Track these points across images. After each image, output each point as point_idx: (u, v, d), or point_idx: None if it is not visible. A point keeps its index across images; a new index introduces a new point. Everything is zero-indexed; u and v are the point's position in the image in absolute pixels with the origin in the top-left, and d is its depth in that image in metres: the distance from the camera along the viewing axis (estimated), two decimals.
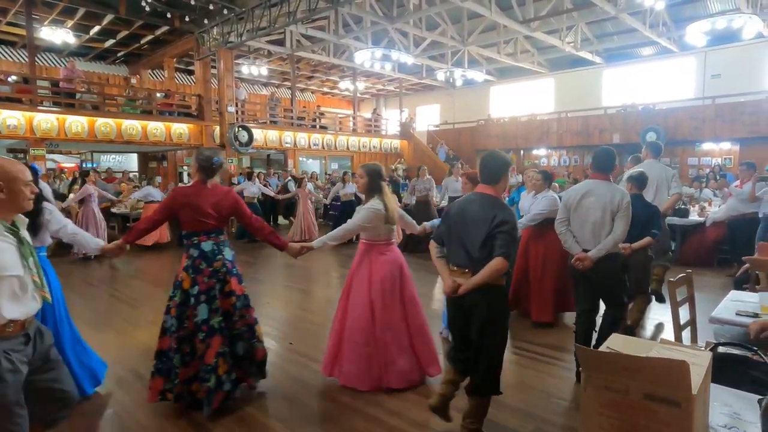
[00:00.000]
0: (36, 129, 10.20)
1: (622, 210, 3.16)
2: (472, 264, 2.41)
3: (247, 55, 15.25)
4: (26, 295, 1.86)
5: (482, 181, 2.56)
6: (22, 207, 1.89)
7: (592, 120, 14.68)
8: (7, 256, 1.80)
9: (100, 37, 13.88)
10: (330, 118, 17.17)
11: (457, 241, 2.51)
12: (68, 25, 12.50)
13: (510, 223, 2.37)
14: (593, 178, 3.34)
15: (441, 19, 12.79)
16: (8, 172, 1.85)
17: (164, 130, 12.08)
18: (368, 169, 3.30)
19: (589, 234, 3.22)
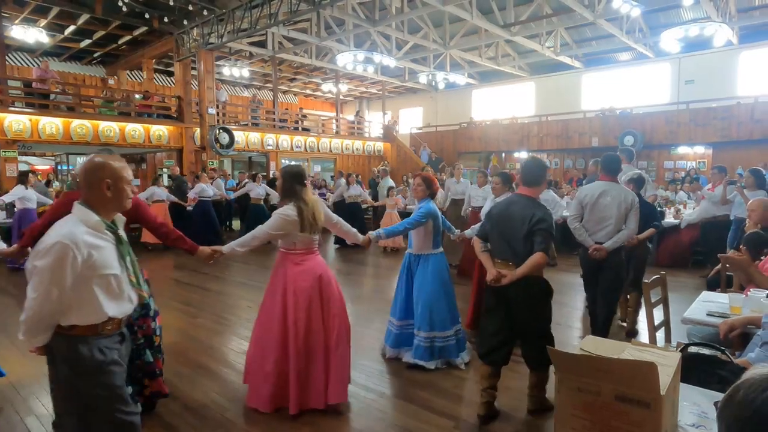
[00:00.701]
0: (7, 130, 9.94)
1: (634, 208, 3.71)
2: (515, 257, 2.77)
3: (228, 56, 15.10)
4: (123, 294, 1.88)
5: (525, 184, 2.92)
6: (123, 206, 1.89)
7: (572, 124, 14.91)
8: (107, 254, 1.81)
9: (76, 37, 13.58)
10: (313, 121, 17.10)
11: (502, 237, 2.87)
12: (41, 24, 12.20)
13: (547, 222, 2.73)
14: (604, 180, 3.84)
15: (423, 23, 12.86)
16: (116, 170, 1.85)
17: (143, 132, 11.88)
18: (284, 171, 3.06)
19: (605, 229, 3.72)
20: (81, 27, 12.59)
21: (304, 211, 2.89)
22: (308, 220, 2.90)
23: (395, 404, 3.21)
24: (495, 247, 2.92)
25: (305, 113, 17.74)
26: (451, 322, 3.74)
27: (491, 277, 2.75)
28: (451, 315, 3.74)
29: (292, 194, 2.95)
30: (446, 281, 3.76)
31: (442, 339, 3.68)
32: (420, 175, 3.81)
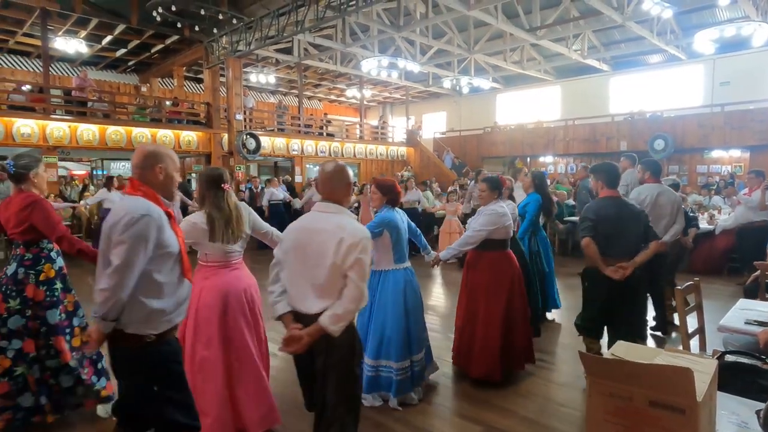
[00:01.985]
0: (49, 137, 10.35)
1: (681, 205, 4.39)
2: (631, 255, 3.12)
3: (255, 63, 15.41)
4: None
5: (610, 186, 3.29)
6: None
7: (599, 127, 14.64)
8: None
9: (112, 46, 14.10)
10: (337, 126, 17.26)
11: (622, 238, 3.16)
12: (81, 36, 12.72)
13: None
14: (651, 182, 4.39)
15: (447, 28, 12.86)
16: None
17: (173, 137, 12.21)
18: (199, 175, 2.85)
19: (663, 226, 4.17)
20: (117, 37, 13.07)
21: (215, 219, 2.60)
22: (220, 228, 2.61)
23: None
24: (613, 247, 3.15)
25: (330, 119, 17.92)
26: (410, 351, 3.20)
27: (620, 275, 3.03)
28: (411, 343, 3.20)
29: (203, 200, 2.69)
30: (410, 302, 3.23)
31: (391, 370, 3.14)
32: (376, 180, 3.37)
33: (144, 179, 1.93)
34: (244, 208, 2.78)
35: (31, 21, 11.65)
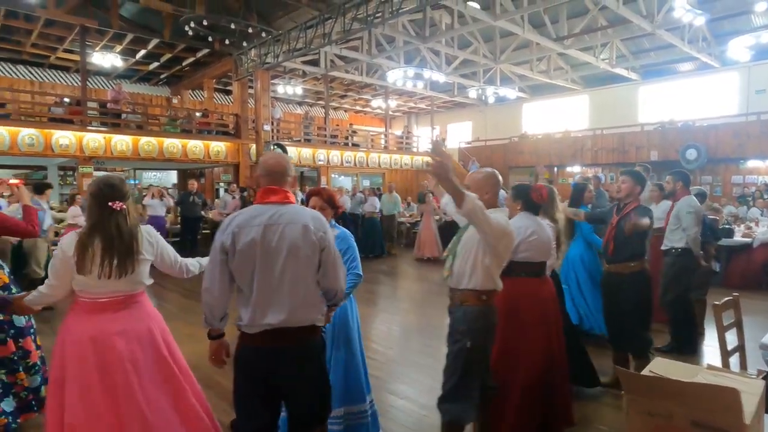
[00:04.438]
0: (85, 148, 10.74)
1: (687, 212, 4.43)
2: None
3: (282, 75, 15.70)
4: None
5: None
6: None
7: (628, 137, 14.36)
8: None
9: (146, 60, 14.59)
10: (362, 136, 17.40)
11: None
12: (117, 50, 13.22)
13: None
14: (684, 194, 4.46)
15: (473, 38, 12.87)
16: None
17: (203, 148, 12.50)
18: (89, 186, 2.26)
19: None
20: (150, 51, 13.52)
21: (87, 245, 2.05)
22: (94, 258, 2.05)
23: None
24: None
25: (355, 129, 18.07)
26: (368, 389, 2.79)
27: None
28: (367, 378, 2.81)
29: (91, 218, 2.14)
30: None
31: (356, 415, 2.70)
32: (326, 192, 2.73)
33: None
34: (147, 233, 2.25)
35: (72, 37, 12.18)
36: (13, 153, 9.83)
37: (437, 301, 7.07)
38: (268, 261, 1.89)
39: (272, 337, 1.91)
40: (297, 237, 1.91)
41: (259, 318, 1.89)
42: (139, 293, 2.25)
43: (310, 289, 1.97)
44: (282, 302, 1.89)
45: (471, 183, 2.51)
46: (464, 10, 9.94)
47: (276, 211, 1.94)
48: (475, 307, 2.34)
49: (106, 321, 2.11)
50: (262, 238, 1.88)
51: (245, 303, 1.92)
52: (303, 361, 1.96)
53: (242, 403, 2.00)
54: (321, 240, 1.96)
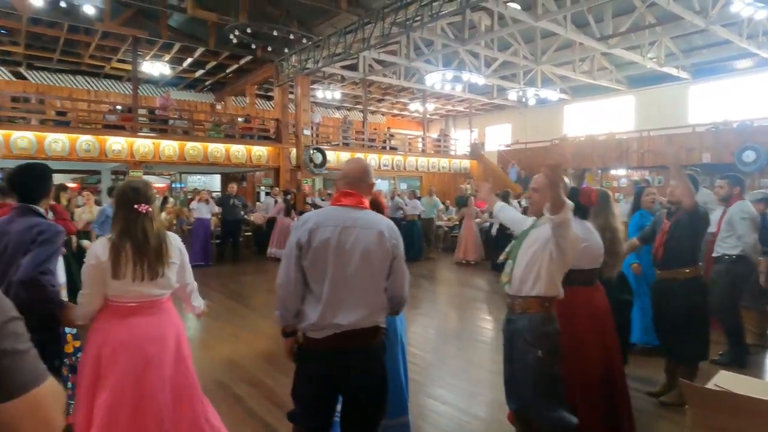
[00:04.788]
0: (135, 153, 11.24)
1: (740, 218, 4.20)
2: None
3: (321, 80, 15.94)
4: None
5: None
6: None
7: (677, 138, 13.72)
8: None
9: (191, 68, 15.17)
10: (399, 140, 17.42)
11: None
12: (165, 59, 13.81)
13: None
14: (740, 198, 4.22)
15: (513, 39, 12.66)
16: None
17: (245, 152, 12.84)
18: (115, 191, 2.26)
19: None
20: (196, 59, 14.05)
21: (120, 249, 2.09)
22: (125, 263, 2.09)
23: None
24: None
25: (392, 133, 18.11)
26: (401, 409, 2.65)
27: None
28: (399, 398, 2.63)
29: (119, 221, 2.18)
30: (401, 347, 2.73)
31: (394, 429, 2.64)
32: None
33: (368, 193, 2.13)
34: (176, 241, 2.30)
35: (125, 48, 12.80)
36: (72, 158, 10.40)
37: (475, 306, 6.99)
38: (340, 263, 1.92)
39: (338, 339, 1.93)
40: (371, 242, 1.95)
41: (329, 318, 1.91)
42: (167, 298, 2.29)
43: (379, 295, 2.01)
44: (352, 305, 1.92)
45: (540, 186, 2.45)
46: (504, 11, 9.80)
47: (352, 214, 1.99)
48: (540, 314, 2.27)
49: (139, 325, 2.14)
50: (337, 240, 1.92)
51: (314, 302, 1.95)
52: (366, 363, 1.99)
53: (304, 402, 2.06)
54: (394, 248, 2.00)
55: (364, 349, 1.97)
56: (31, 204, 2.32)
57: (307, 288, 1.98)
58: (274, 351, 4.69)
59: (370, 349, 1.99)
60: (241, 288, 7.92)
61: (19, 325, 0.82)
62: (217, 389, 3.72)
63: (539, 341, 2.24)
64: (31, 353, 0.82)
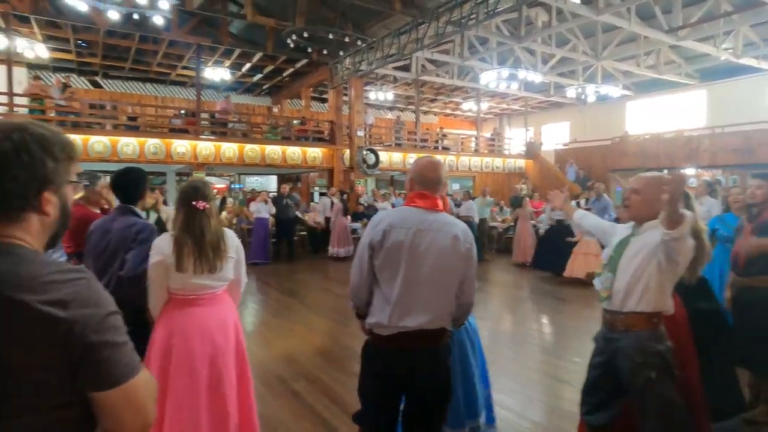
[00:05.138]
0: (198, 155, 11.80)
1: None
2: None
3: (374, 81, 16.07)
4: None
5: None
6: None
7: (755, 135, 12.72)
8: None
9: (250, 72, 15.74)
10: (452, 139, 17.26)
11: None
12: (226, 65, 14.41)
13: None
14: None
15: (572, 35, 12.21)
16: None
17: (300, 154, 13.18)
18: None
19: None
20: (255, 64, 14.56)
21: (183, 243, 2.20)
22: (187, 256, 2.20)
23: None
24: None
25: (445, 132, 17.97)
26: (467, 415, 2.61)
27: None
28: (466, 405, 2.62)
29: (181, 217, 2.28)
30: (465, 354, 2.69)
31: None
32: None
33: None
34: (232, 236, 2.39)
35: (189, 55, 13.48)
36: (141, 161, 11.06)
37: (529, 308, 6.81)
38: (413, 265, 1.90)
39: (404, 338, 1.91)
40: (446, 246, 1.92)
41: (397, 320, 1.90)
42: (224, 291, 2.38)
43: (449, 299, 1.98)
44: (423, 307, 1.90)
45: (642, 186, 2.19)
46: (564, 6, 9.47)
47: (427, 217, 1.96)
48: (647, 331, 2.08)
49: (201, 316, 2.24)
50: (411, 242, 1.90)
51: (383, 302, 1.94)
52: (431, 364, 1.97)
53: (370, 399, 2.07)
54: (468, 252, 1.97)
55: (430, 350, 1.95)
56: (130, 204, 2.58)
57: (377, 286, 1.98)
58: (329, 348, 4.80)
59: (435, 350, 1.97)
60: (295, 286, 8.10)
61: (118, 319, 0.88)
62: (276, 383, 3.83)
63: (649, 361, 2.04)
64: (128, 346, 0.88)
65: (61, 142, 0.91)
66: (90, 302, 0.83)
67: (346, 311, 6.22)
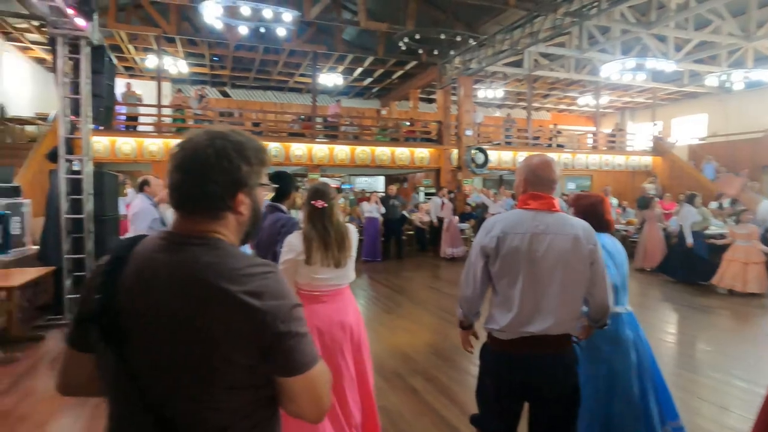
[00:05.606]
0: (314, 157, 12.48)
1: None
2: None
3: (483, 79, 15.71)
4: None
5: None
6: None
7: None
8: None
9: (361, 77, 16.28)
10: (567, 136, 16.26)
11: None
12: (339, 70, 15.07)
13: None
14: None
15: (715, 15, 10.81)
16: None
17: (409, 154, 13.33)
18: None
19: None
20: (366, 68, 15.02)
21: (311, 238, 2.35)
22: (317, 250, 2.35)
23: None
24: None
25: (559, 129, 16.99)
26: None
27: None
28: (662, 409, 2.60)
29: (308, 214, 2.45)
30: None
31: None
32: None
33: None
34: (354, 234, 2.51)
35: (305, 63, 14.32)
36: None
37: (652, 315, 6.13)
38: (534, 271, 1.84)
39: (525, 343, 1.86)
40: (567, 248, 1.84)
41: (520, 326, 1.85)
42: (347, 287, 2.49)
43: (575, 303, 1.90)
44: (547, 313, 1.84)
45: None
46: None
47: (542, 219, 1.88)
48: None
49: (328, 311, 2.36)
50: (528, 247, 1.84)
51: (503, 308, 1.89)
52: (556, 370, 1.88)
53: (487, 404, 2.03)
54: (591, 253, 1.86)
55: (553, 356, 1.86)
56: (277, 203, 2.90)
57: (495, 294, 1.94)
58: (441, 345, 4.79)
59: (558, 356, 1.88)
60: (405, 283, 8.22)
61: (300, 311, 0.93)
62: (394, 378, 3.89)
63: None
64: (309, 337, 0.93)
65: (254, 148, 0.99)
66: (279, 294, 0.90)
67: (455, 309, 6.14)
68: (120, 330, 0.87)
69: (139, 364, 0.87)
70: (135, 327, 0.88)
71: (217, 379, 0.86)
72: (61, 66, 5.58)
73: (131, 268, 0.91)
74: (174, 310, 0.86)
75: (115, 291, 0.89)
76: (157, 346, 0.87)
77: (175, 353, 0.85)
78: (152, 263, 0.91)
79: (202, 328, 0.85)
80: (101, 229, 5.80)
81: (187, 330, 0.85)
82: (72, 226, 5.60)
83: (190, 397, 0.86)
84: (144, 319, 0.88)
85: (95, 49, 5.77)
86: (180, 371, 0.86)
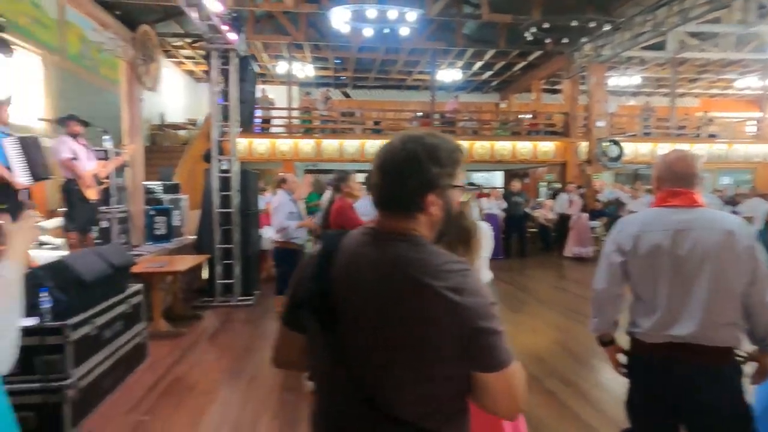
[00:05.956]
0: None
1: None
2: None
3: (617, 66, 14.38)
4: None
5: None
6: None
7: None
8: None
9: (480, 71, 15.91)
10: (721, 124, 14.24)
11: None
12: (458, 66, 14.88)
13: None
14: None
15: None
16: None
17: (531, 148, 12.71)
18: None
19: None
20: (486, 62, 14.64)
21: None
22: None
23: None
24: None
25: (711, 117, 14.94)
26: None
27: None
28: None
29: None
30: None
31: None
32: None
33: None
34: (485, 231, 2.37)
35: (425, 60, 14.39)
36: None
37: None
38: (678, 270, 1.70)
39: (673, 349, 1.70)
40: (716, 245, 1.66)
41: (663, 329, 1.71)
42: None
43: (730, 306, 1.68)
44: (693, 315, 1.67)
45: None
46: None
47: (685, 215, 1.73)
48: None
49: None
50: (671, 245, 1.70)
51: (645, 311, 1.78)
52: (713, 386, 1.66)
53: (637, 418, 1.89)
54: (748, 250, 1.66)
55: (709, 368, 1.67)
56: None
57: (635, 296, 1.84)
58: (573, 347, 4.58)
59: (716, 370, 1.67)
60: (528, 281, 7.93)
61: (496, 309, 0.94)
62: (529, 380, 3.71)
63: None
64: (504, 335, 0.93)
65: (448, 149, 1.01)
66: (477, 292, 0.92)
67: (585, 309, 5.71)
68: (332, 314, 0.95)
69: (348, 346, 0.94)
70: (345, 313, 0.95)
71: (419, 366, 0.90)
72: (215, 76, 6.27)
73: (341, 261, 0.99)
74: (381, 301, 0.92)
75: (327, 280, 0.97)
76: (365, 333, 0.93)
77: (383, 339, 0.91)
78: (359, 258, 0.98)
79: (408, 320, 0.89)
80: (246, 223, 6.42)
81: (394, 322, 0.90)
82: (222, 219, 6.27)
83: (394, 385, 0.92)
84: (353, 306, 0.95)
85: (241, 60, 6.39)
86: (388, 356, 0.91)
